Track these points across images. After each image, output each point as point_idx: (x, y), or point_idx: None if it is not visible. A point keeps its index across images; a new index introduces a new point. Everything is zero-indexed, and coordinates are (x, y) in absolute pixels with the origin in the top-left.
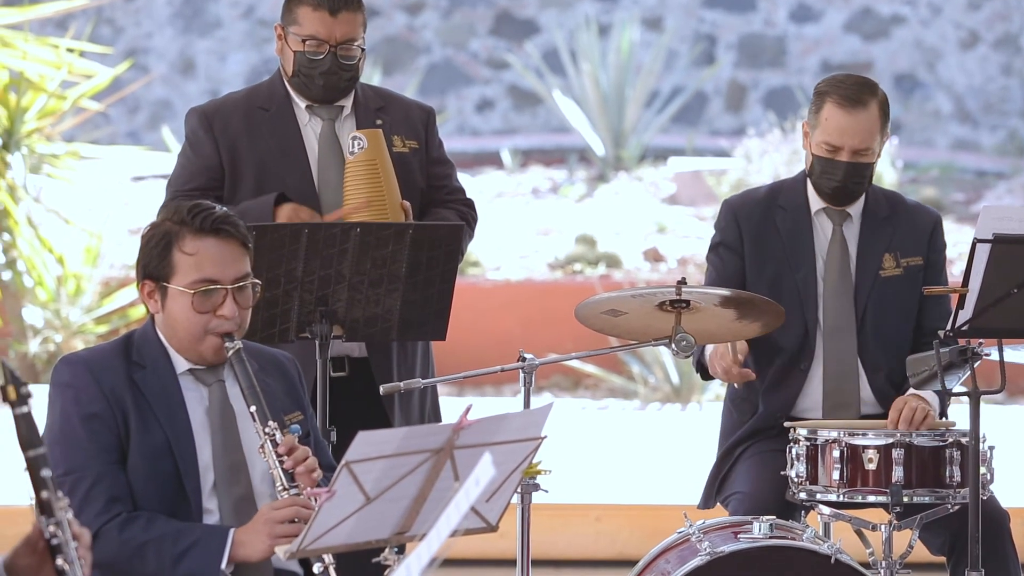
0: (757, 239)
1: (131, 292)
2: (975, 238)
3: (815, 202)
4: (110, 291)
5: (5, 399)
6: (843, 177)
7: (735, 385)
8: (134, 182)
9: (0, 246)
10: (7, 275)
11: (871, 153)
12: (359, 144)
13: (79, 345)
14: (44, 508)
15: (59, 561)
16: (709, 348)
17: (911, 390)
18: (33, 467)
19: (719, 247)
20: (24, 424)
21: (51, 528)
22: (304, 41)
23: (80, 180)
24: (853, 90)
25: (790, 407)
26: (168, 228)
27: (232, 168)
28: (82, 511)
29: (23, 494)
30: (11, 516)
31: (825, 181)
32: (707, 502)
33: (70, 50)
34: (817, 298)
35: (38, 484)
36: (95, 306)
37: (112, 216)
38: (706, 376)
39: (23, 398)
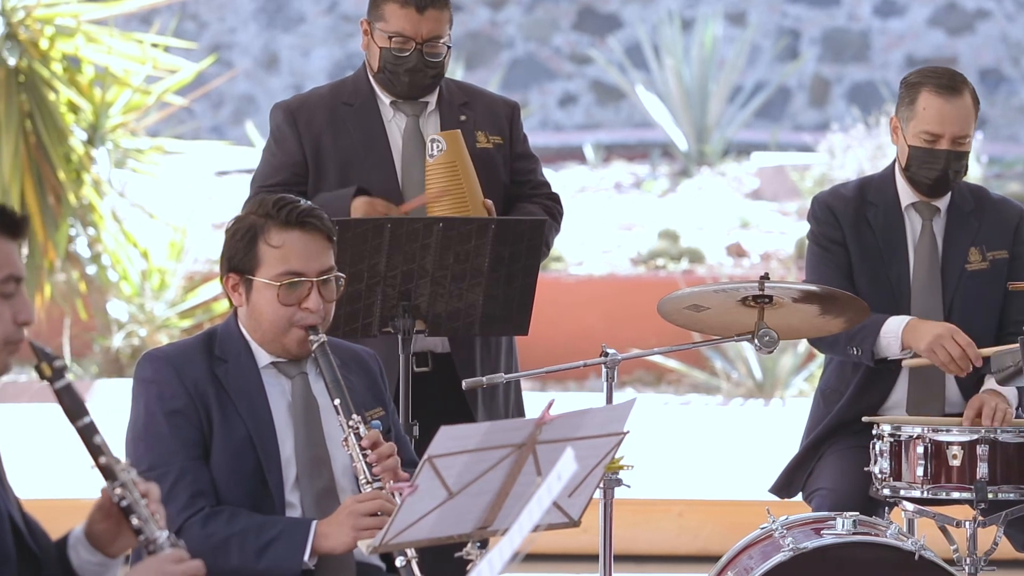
0: (853, 235)
1: (215, 286)
2: None
3: (905, 197)
4: (194, 285)
5: (42, 377)
6: (944, 166)
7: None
8: (218, 177)
9: (85, 240)
10: (92, 269)
11: (968, 142)
12: (438, 146)
13: (163, 339)
14: (106, 473)
15: (134, 521)
16: (893, 326)
17: (987, 386)
18: (85, 436)
19: (822, 239)
20: (67, 396)
21: (118, 491)
22: (390, 38)
23: (164, 175)
24: (947, 78)
25: (879, 403)
26: (253, 221)
27: (316, 163)
28: (166, 506)
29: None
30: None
31: (925, 172)
32: (782, 489)
33: (155, 45)
34: (910, 293)
35: (94, 451)
36: (179, 300)
37: (196, 211)
38: (878, 363)
39: (59, 371)
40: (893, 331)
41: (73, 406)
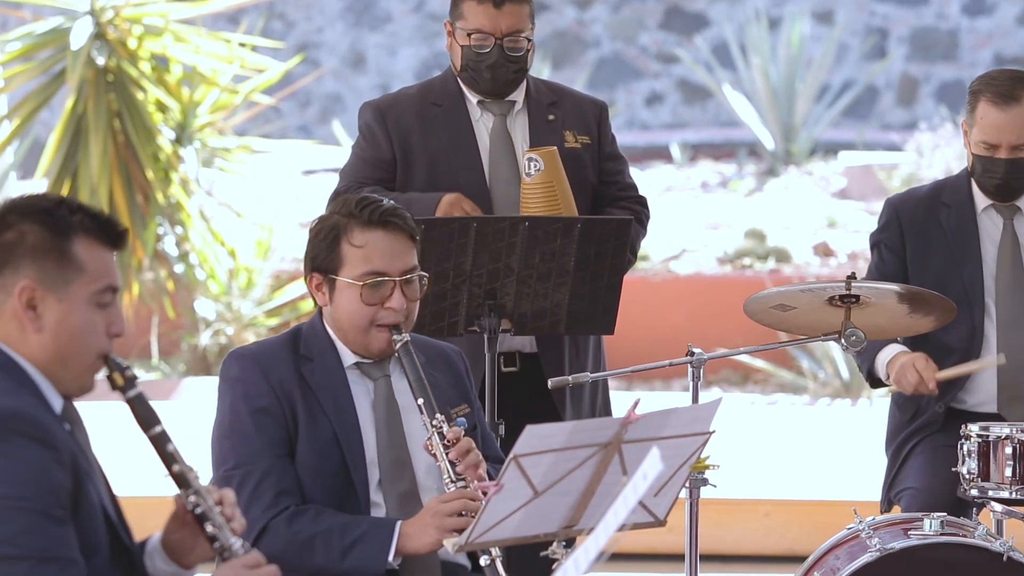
0: (920, 237)
1: (301, 285)
2: None
3: (980, 199)
4: (281, 284)
5: (114, 387)
6: (1004, 174)
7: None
8: (305, 176)
9: (173, 239)
10: (180, 268)
11: None
12: (536, 166)
13: (250, 338)
14: (179, 481)
15: (208, 528)
16: (884, 357)
17: None
18: (158, 445)
19: (880, 246)
20: (139, 406)
21: (191, 499)
22: (470, 35)
23: (251, 174)
24: (1005, 86)
25: (961, 403)
26: (336, 221)
27: (404, 163)
28: (251, 505)
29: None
30: (156, 507)
31: (987, 180)
32: (884, 505)
33: (242, 45)
34: (984, 294)
35: (167, 459)
36: (266, 299)
37: (283, 209)
38: (875, 384)
39: (130, 381)
40: (882, 361)
41: (145, 415)
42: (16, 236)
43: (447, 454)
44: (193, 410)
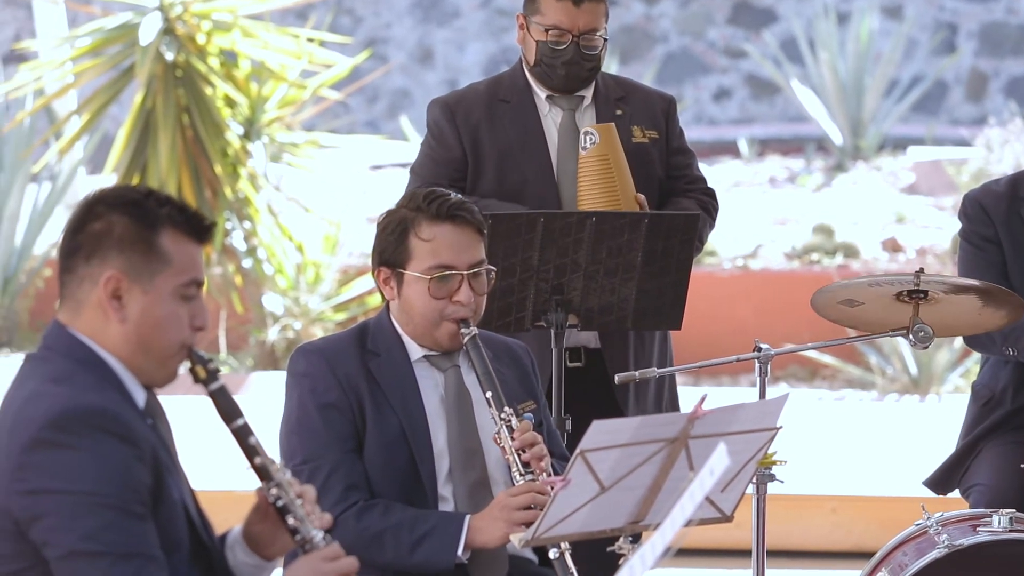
0: (1006, 231)
1: (369, 280)
2: None
3: None
4: (348, 279)
5: (196, 380)
6: None
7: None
8: (373, 171)
9: (241, 234)
10: (248, 263)
11: None
12: (591, 139)
13: (318, 333)
14: (261, 473)
15: (290, 521)
16: None
17: None
18: (240, 437)
19: (974, 237)
20: (222, 399)
21: (273, 491)
22: (547, 31)
23: (319, 169)
24: None
25: None
26: (404, 215)
27: (474, 159)
28: (319, 499)
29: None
30: (236, 501)
31: None
32: (937, 484)
33: (310, 40)
34: None
35: (248, 452)
36: (334, 294)
37: (351, 204)
38: None
39: (212, 374)
40: None
41: (228, 408)
42: (104, 227)
43: (515, 447)
44: (261, 405)
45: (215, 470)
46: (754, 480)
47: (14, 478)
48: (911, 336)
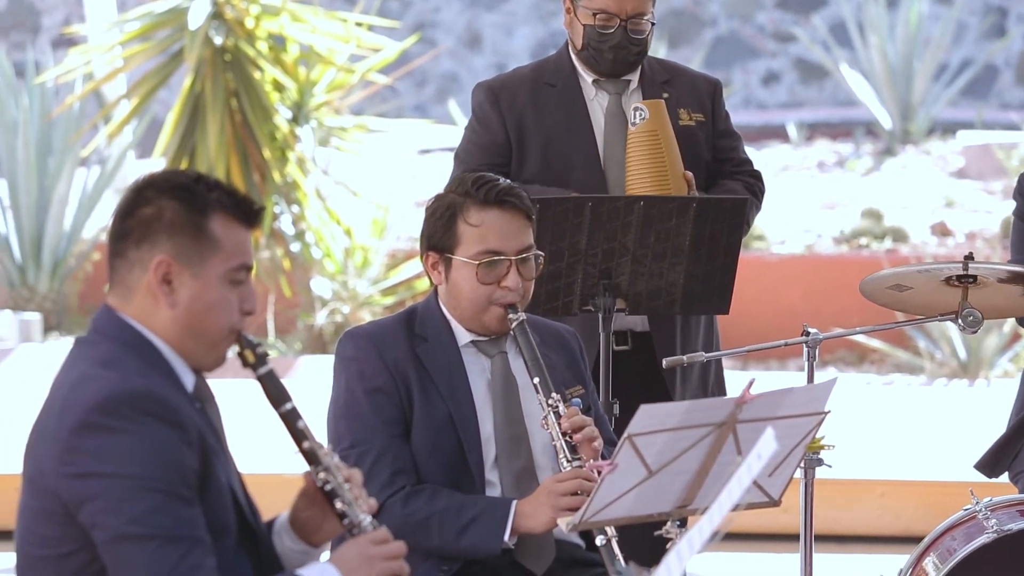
0: None
1: (417, 264)
2: None
3: None
4: (397, 263)
5: (245, 364)
6: None
7: None
8: (421, 155)
9: (289, 218)
10: (296, 247)
11: None
12: (641, 115)
13: (366, 317)
14: (309, 458)
15: (338, 505)
16: None
17: None
18: (288, 421)
19: None
20: (270, 383)
21: (321, 475)
22: (595, 15)
23: (368, 153)
24: None
25: None
26: (452, 200)
27: (519, 144)
28: (367, 484)
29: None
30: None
31: None
32: (987, 467)
33: (358, 24)
34: None
35: (297, 436)
36: (382, 278)
37: (399, 189)
38: None
39: (261, 358)
40: None
41: (276, 392)
42: (154, 211)
43: (563, 433)
44: (309, 389)
45: (263, 453)
46: (802, 465)
47: (62, 461)
48: (960, 320)
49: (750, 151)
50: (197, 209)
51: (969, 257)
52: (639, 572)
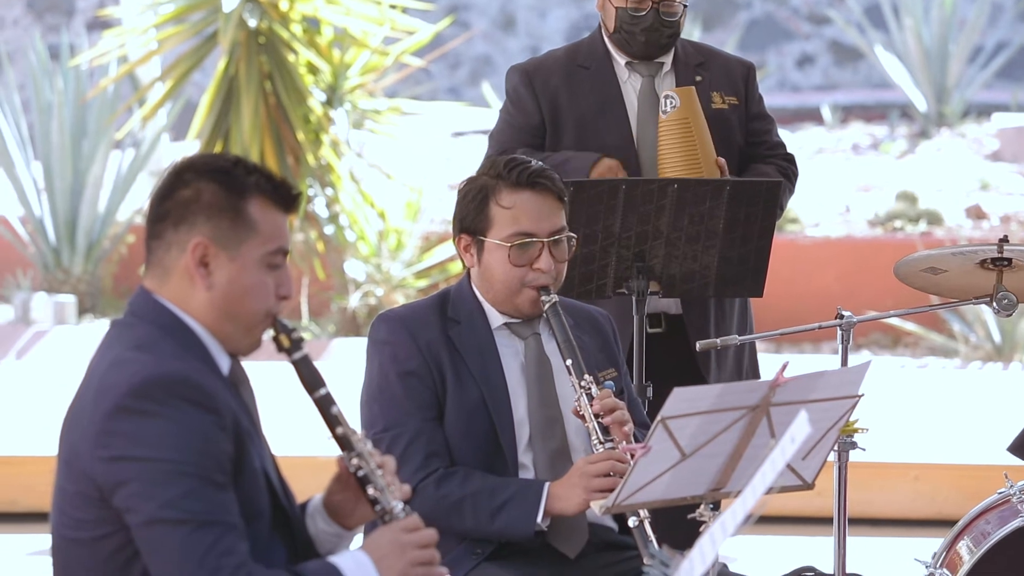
0: None
1: (451, 247)
2: None
3: None
4: (430, 246)
5: (280, 349)
6: None
7: None
8: (454, 138)
9: (323, 201)
10: (330, 229)
11: None
12: (672, 103)
13: (399, 299)
14: (343, 443)
15: (370, 491)
16: None
17: None
18: (322, 407)
19: None
20: (304, 368)
21: (354, 461)
22: None
23: (401, 135)
24: None
25: None
26: (485, 182)
27: (553, 126)
28: (400, 467)
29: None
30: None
31: None
32: (1020, 449)
33: (392, 6)
34: None
35: (331, 422)
36: (415, 260)
37: (433, 171)
38: None
39: (296, 343)
40: None
41: (310, 377)
42: (192, 193)
43: (596, 416)
44: (343, 371)
45: (298, 436)
46: (836, 448)
47: (98, 444)
48: (995, 304)
49: (784, 134)
50: (236, 192)
51: (1004, 240)
52: (672, 555)
